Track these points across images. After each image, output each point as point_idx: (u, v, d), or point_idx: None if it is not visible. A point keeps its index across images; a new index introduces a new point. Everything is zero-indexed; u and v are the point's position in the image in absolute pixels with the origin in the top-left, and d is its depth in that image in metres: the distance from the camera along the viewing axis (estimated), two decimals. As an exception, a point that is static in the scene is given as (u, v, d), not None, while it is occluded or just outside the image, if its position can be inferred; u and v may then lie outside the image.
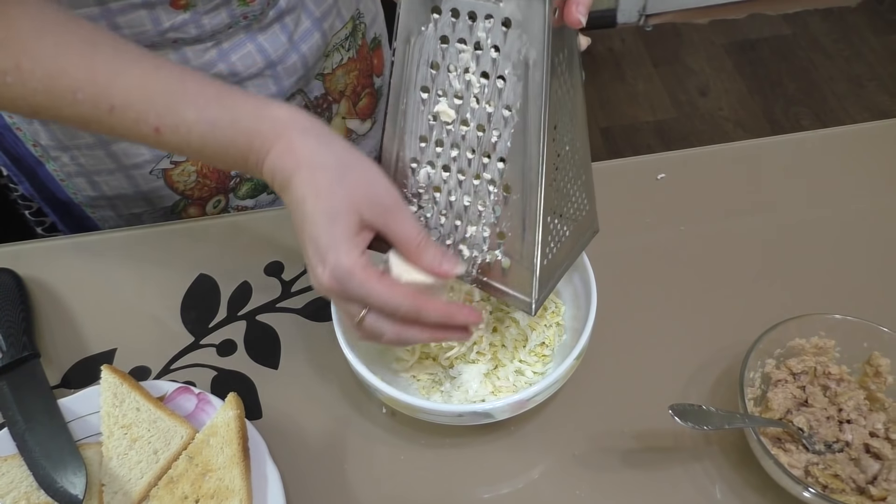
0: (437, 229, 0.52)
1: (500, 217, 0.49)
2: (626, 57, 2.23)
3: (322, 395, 0.62)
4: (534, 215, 0.48)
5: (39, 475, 0.54)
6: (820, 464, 0.54)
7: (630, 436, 0.59)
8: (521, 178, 0.47)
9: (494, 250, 0.51)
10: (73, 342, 0.66)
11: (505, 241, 0.50)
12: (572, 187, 0.52)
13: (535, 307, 0.51)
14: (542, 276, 0.50)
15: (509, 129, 0.46)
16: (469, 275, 0.53)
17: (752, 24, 2.29)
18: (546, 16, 0.42)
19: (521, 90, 0.45)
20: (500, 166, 0.48)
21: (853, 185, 0.75)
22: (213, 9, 0.65)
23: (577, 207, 0.53)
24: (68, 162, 0.73)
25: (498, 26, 0.44)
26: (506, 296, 0.52)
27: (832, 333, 0.57)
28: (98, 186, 0.76)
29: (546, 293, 0.52)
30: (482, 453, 0.59)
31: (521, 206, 0.48)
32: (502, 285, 0.52)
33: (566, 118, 0.48)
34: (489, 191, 0.49)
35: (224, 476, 0.54)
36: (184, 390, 0.60)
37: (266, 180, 0.50)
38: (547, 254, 0.50)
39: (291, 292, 0.69)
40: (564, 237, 0.53)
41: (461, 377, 0.59)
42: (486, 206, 0.50)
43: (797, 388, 0.57)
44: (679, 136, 2.01)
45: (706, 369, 0.62)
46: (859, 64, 2.16)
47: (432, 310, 0.48)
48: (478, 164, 0.49)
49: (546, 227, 0.49)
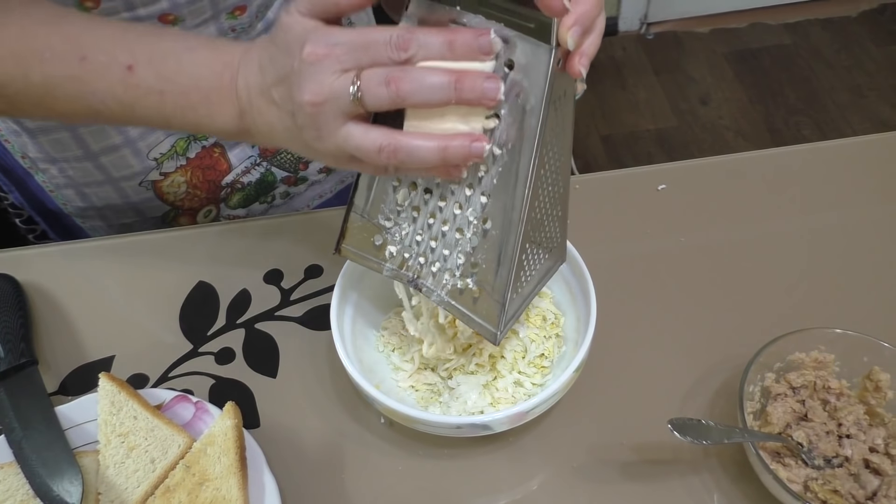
0: (413, 247, 0.52)
1: (476, 248, 0.49)
2: (628, 65, 2.23)
3: (320, 405, 0.62)
4: (510, 252, 0.48)
5: (36, 483, 0.54)
6: (819, 479, 0.53)
7: (629, 448, 0.59)
8: (502, 215, 0.47)
9: (467, 278, 0.50)
10: (71, 349, 0.66)
11: (478, 271, 0.50)
12: (549, 222, 0.52)
13: (499, 338, 0.51)
14: (510, 309, 0.50)
15: (497, 168, 0.46)
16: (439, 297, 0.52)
17: (754, 33, 2.30)
18: (550, 65, 0.42)
19: (514, 133, 0.44)
20: (482, 200, 0.47)
21: (855, 197, 0.75)
22: (201, 23, 0.65)
23: (550, 239, 0.53)
24: (57, 174, 0.73)
25: (500, 66, 0.43)
26: (471, 322, 0.52)
27: (832, 348, 0.57)
28: (87, 198, 0.76)
29: (511, 324, 0.53)
30: (480, 464, 0.59)
31: (499, 241, 0.48)
32: (470, 312, 0.51)
33: (553, 160, 0.48)
34: (469, 221, 0.48)
35: (221, 486, 0.53)
36: (181, 399, 0.60)
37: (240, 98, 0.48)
38: (517, 288, 0.50)
39: (291, 300, 0.69)
40: (535, 270, 0.53)
41: (460, 388, 0.59)
42: (463, 234, 0.49)
43: (797, 402, 0.57)
44: (680, 144, 2.01)
45: (705, 382, 0.62)
46: (860, 74, 2.16)
47: (427, 34, 0.42)
48: (461, 194, 0.48)
49: (520, 263, 0.49)
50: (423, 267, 0.52)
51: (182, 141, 0.74)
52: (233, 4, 0.65)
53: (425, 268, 0.52)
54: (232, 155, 0.78)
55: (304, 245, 0.72)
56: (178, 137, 0.74)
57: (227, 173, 0.79)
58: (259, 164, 0.80)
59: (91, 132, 0.70)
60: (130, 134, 0.71)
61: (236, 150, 0.78)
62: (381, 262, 0.54)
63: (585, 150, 1.97)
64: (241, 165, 0.79)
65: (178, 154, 0.75)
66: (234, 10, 0.66)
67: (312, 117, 0.44)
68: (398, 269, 0.53)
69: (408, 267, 0.53)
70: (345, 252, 0.55)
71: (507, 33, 0.42)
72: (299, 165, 0.82)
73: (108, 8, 0.59)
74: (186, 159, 0.76)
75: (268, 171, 0.81)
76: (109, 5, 0.59)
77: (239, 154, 0.79)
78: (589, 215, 0.72)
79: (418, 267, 0.52)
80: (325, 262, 0.71)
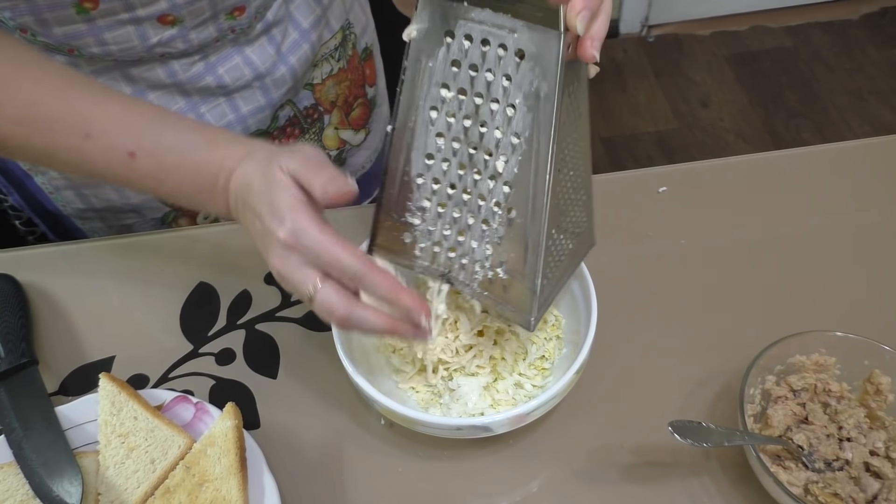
0: (442, 242, 0.53)
1: (503, 237, 0.50)
2: (628, 67, 2.23)
3: (320, 406, 0.62)
4: (537, 239, 0.48)
5: (35, 483, 0.54)
6: (820, 482, 0.53)
7: (629, 450, 0.59)
8: (526, 203, 0.47)
9: (497, 268, 0.51)
10: (71, 349, 0.66)
11: (507, 260, 0.50)
12: (573, 207, 0.52)
13: (534, 324, 0.51)
14: (542, 295, 0.51)
15: (517, 157, 0.47)
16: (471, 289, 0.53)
17: (754, 35, 2.30)
18: (560, 51, 0.42)
19: (530, 121, 0.45)
20: (505, 190, 0.48)
21: (856, 201, 0.75)
22: (200, 23, 0.65)
23: (577, 224, 0.53)
24: (56, 176, 0.73)
25: (511, 56, 0.44)
26: (505, 310, 0.52)
27: (833, 351, 0.57)
28: (87, 199, 0.75)
29: (545, 309, 0.53)
30: (480, 466, 0.59)
31: (525, 229, 0.48)
32: (503, 301, 0.52)
33: (572, 144, 0.48)
34: (494, 212, 0.49)
35: (221, 486, 0.53)
36: (182, 399, 0.60)
37: (230, 200, 0.53)
38: (547, 273, 0.50)
39: (291, 301, 0.68)
40: (564, 255, 0.53)
41: (460, 390, 0.59)
42: (490, 225, 0.50)
43: (797, 405, 0.57)
44: (680, 146, 2.01)
45: (706, 384, 0.62)
46: (860, 77, 2.16)
47: (379, 279, 0.48)
48: (484, 185, 0.49)
49: (548, 249, 0.49)
50: (454, 261, 0.53)
51: None
52: (232, 5, 0.65)
53: (455, 261, 0.53)
54: None
55: (304, 246, 0.72)
56: None
57: None
58: None
59: None
60: None
61: None
62: (412, 259, 0.54)
63: (586, 153, 1.97)
64: None
65: None
66: (233, 10, 0.66)
67: (277, 271, 0.50)
68: (429, 265, 0.54)
69: (438, 262, 0.53)
70: (378, 252, 0.56)
71: (516, 23, 0.43)
72: None
73: (107, 9, 0.59)
74: None
75: None
76: (108, 6, 0.59)
77: None
78: (590, 217, 0.72)
79: (448, 261, 0.53)
80: (325, 263, 0.71)
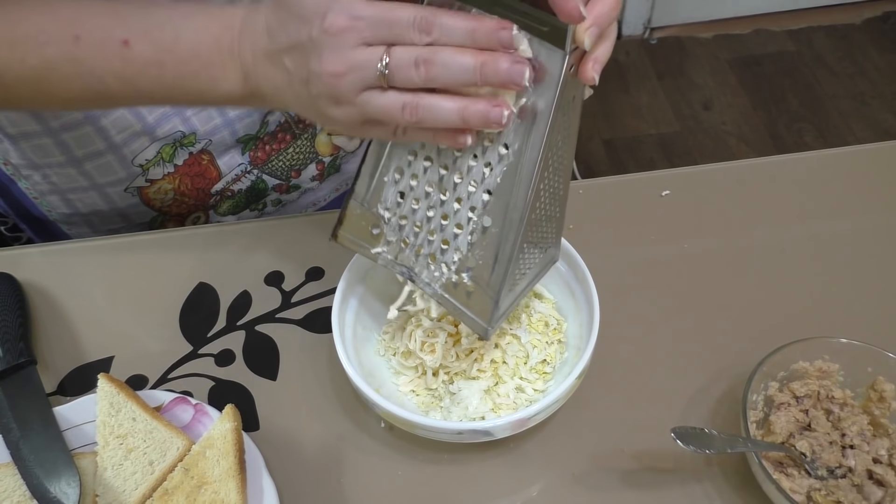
0: (410, 239, 0.52)
1: (474, 244, 0.49)
2: (631, 69, 2.23)
3: (320, 408, 0.62)
4: (508, 251, 0.48)
5: (33, 484, 0.53)
6: (822, 489, 0.53)
7: (630, 456, 0.58)
8: (503, 214, 0.47)
9: (462, 273, 0.50)
10: (70, 349, 0.66)
11: (475, 267, 0.50)
12: (547, 222, 0.52)
13: (490, 333, 0.51)
14: (502, 306, 0.50)
15: (502, 167, 0.46)
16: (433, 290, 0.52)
17: (757, 39, 2.29)
18: (563, 71, 0.42)
19: (521, 133, 0.44)
20: (484, 198, 0.47)
21: (859, 206, 0.75)
22: None
23: (546, 239, 0.53)
24: (40, 181, 0.72)
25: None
26: (463, 316, 0.52)
27: (836, 357, 0.57)
28: (72, 204, 0.74)
29: (503, 320, 0.53)
30: (481, 470, 0.58)
31: (498, 240, 0.48)
32: (463, 307, 0.51)
33: (557, 162, 0.48)
34: (469, 217, 0.48)
35: (220, 489, 0.53)
36: (181, 401, 0.59)
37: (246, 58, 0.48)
38: (511, 286, 0.50)
39: (291, 303, 0.68)
40: (529, 269, 0.53)
41: (461, 393, 0.58)
42: (462, 230, 0.49)
43: (800, 411, 0.56)
44: (682, 149, 2.01)
45: (708, 390, 0.62)
46: (863, 81, 2.16)
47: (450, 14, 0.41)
48: (464, 189, 0.48)
49: (516, 261, 0.49)
50: (419, 259, 0.52)
51: (168, 147, 0.72)
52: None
53: (421, 260, 0.52)
54: (221, 162, 0.76)
55: (305, 247, 0.72)
56: (164, 143, 0.71)
57: (217, 181, 0.77)
58: (250, 172, 0.78)
59: (74, 137, 0.68)
60: (114, 140, 0.69)
61: (226, 157, 0.76)
62: (377, 251, 0.53)
63: (587, 154, 1.97)
64: (232, 173, 0.77)
65: (164, 161, 0.73)
66: None
67: (331, 87, 0.43)
68: (393, 260, 0.53)
69: (404, 258, 0.53)
70: (341, 239, 0.55)
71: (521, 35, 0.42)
72: (291, 173, 0.81)
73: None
74: (175, 166, 0.74)
75: (259, 178, 0.79)
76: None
77: (228, 161, 0.76)
78: (592, 221, 0.72)
79: (414, 259, 0.52)
80: (326, 264, 0.71)
